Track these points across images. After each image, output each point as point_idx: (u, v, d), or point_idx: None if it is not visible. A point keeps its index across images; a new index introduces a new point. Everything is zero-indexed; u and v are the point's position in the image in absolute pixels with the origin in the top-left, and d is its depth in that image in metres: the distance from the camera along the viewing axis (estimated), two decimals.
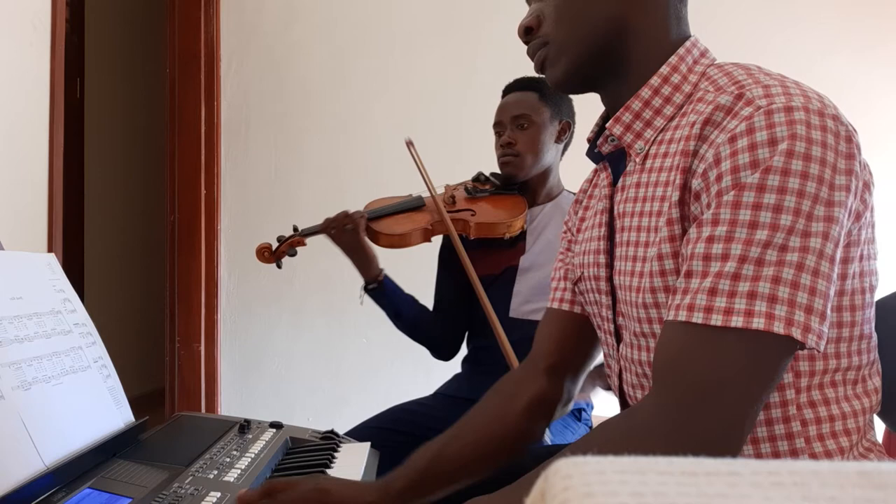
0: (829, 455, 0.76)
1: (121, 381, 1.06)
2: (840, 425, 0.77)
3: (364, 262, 1.68)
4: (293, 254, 1.76)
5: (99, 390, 1.00)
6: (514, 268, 1.68)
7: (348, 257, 1.69)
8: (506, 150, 1.67)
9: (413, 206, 1.75)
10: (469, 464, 0.97)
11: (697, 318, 0.68)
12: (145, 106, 3.87)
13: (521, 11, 0.92)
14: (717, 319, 0.67)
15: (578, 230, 1.01)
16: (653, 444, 0.68)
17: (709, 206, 0.71)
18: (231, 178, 2.67)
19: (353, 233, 1.67)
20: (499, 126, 1.71)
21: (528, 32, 0.88)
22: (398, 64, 2.63)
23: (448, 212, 1.68)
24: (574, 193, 1.72)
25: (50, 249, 1.82)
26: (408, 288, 1.75)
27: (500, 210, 1.68)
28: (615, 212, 0.87)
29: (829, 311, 0.68)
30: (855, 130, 0.72)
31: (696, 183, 0.73)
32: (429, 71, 2.62)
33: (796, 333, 0.66)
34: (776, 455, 0.77)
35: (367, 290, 1.71)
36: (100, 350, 1.05)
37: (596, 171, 1.00)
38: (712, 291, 0.68)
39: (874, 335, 0.81)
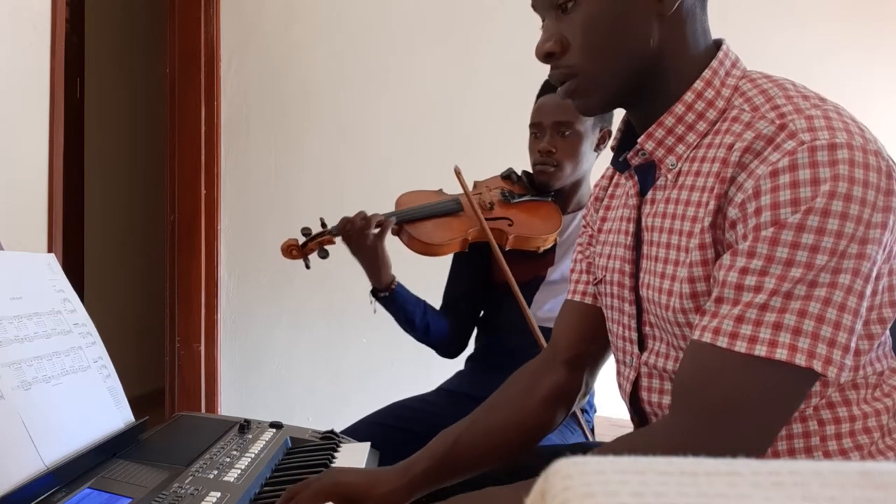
0: (843, 453, 0.77)
1: (121, 381, 1.06)
2: (860, 424, 0.78)
3: (378, 270, 1.57)
4: (324, 255, 1.62)
5: (99, 390, 1.00)
6: (541, 277, 1.65)
7: (361, 263, 1.58)
8: (545, 157, 1.58)
9: (450, 209, 1.65)
10: (488, 451, 0.97)
11: (722, 342, 0.70)
12: (145, 106, 3.87)
13: (522, 12, 0.90)
14: (741, 346, 0.69)
15: (599, 230, 1.00)
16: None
17: (745, 237, 0.71)
18: (231, 178, 2.67)
19: (375, 238, 1.54)
20: (537, 128, 1.61)
21: (549, 56, 0.83)
22: (398, 63, 2.63)
23: (486, 219, 1.61)
24: None
25: (50, 249, 1.82)
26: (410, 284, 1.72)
27: (536, 222, 1.61)
28: (643, 224, 0.87)
29: (853, 344, 0.69)
30: (895, 163, 0.73)
31: (732, 212, 0.73)
32: (429, 70, 2.62)
33: (817, 366, 0.68)
34: (791, 452, 0.78)
35: (378, 297, 1.61)
36: (100, 350, 1.05)
37: (616, 172, 0.99)
38: (739, 318, 0.69)
39: (891, 338, 0.82)
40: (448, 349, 1.75)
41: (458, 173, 1.63)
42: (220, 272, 2.66)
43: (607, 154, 1.68)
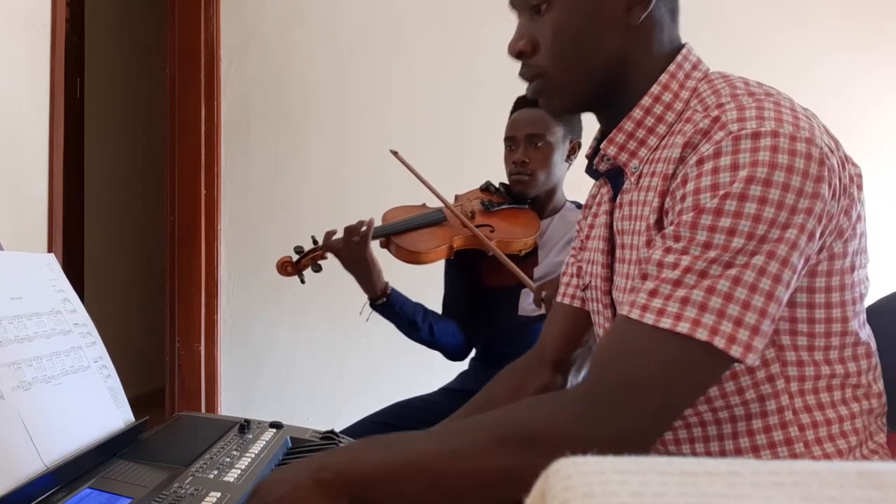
0: (828, 459, 0.77)
1: (121, 381, 1.06)
2: (837, 428, 0.78)
3: (368, 277, 1.61)
4: (318, 269, 1.68)
5: (99, 390, 1.00)
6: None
7: (352, 273, 1.62)
8: (519, 167, 1.68)
9: (434, 220, 1.72)
10: None
11: (634, 313, 0.71)
12: (145, 106, 3.87)
13: None
14: (649, 318, 0.70)
15: (587, 237, 1.02)
16: (570, 421, 0.69)
17: (671, 222, 0.73)
18: (231, 178, 2.67)
19: (360, 246, 1.58)
20: (511, 141, 1.71)
21: (520, 55, 0.86)
22: (399, 64, 2.63)
23: (465, 225, 1.67)
24: (574, 203, 1.75)
25: (50, 249, 1.82)
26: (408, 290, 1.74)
27: (516, 227, 1.69)
28: (615, 228, 0.89)
29: (765, 327, 0.69)
30: (833, 150, 0.73)
31: (667, 202, 0.76)
32: (429, 71, 2.62)
33: (719, 343, 0.68)
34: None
35: (373, 306, 1.65)
36: (100, 350, 1.05)
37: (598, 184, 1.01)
38: (653, 293, 0.71)
39: (872, 341, 0.82)
40: (455, 351, 1.78)
41: (395, 154, 1.73)
42: (220, 272, 2.65)
43: (580, 164, 1.73)
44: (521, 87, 1.78)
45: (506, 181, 1.76)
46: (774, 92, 0.78)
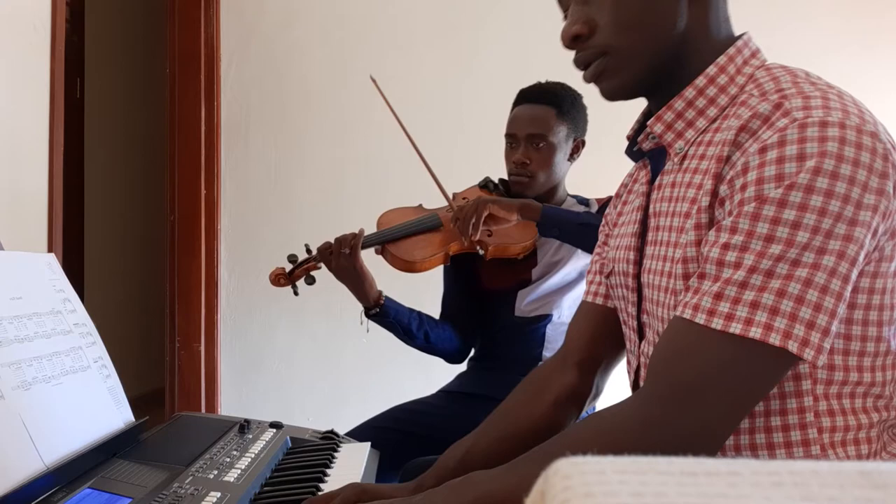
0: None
1: (121, 381, 1.06)
2: (853, 435, 0.77)
3: (361, 286, 1.60)
4: (311, 281, 1.67)
5: (99, 390, 1.00)
6: (526, 281, 1.69)
7: (345, 284, 1.61)
8: (520, 168, 1.64)
9: (431, 226, 1.68)
10: (500, 460, 0.96)
11: (700, 318, 0.69)
12: (145, 106, 3.87)
13: (523, 12, 0.90)
14: (717, 323, 0.68)
15: (615, 224, 1.00)
16: (632, 436, 0.69)
17: (731, 213, 0.71)
18: (231, 178, 2.67)
19: (350, 258, 1.57)
20: (512, 139, 1.67)
21: (576, 39, 0.82)
22: (398, 64, 2.63)
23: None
24: (577, 198, 1.73)
25: (50, 249, 1.82)
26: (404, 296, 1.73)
27: (514, 230, 1.65)
28: (650, 210, 0.87)
29: (833, 328, 0.68)
30: (895, 147, 0.71)
31: (723, 189, 0.73)
32: (429, 71, 2.62)
33: (792, 347, 0.67)
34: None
35: (368, 315, 1.64)
36: (100, 350, 1.05)
37: (637, 167, 0.99)
38: (718, 296, 0.69)
39: None
40: (453, 355, 1.77)
41: (374, 81, 1.70)
42: (220, 272, 2.65)
43: (583, 160, 1.71)
44: (521, 86, 1.77)
45: (505, 177, 1.73)
46: (835, 85, 0.76)
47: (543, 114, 1.62)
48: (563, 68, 1.66)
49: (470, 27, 2.60)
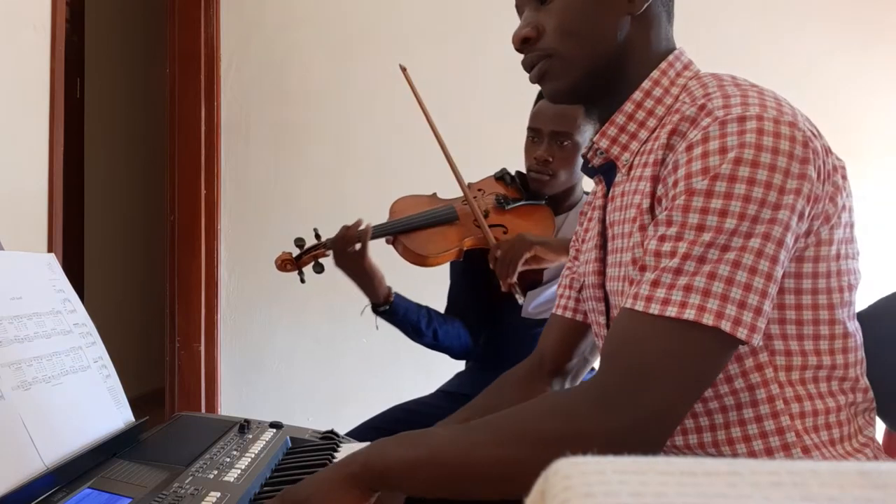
0: (817, 448, 0.79)
1: (121, 381, 1.06)
2: (823, 419, 0.79)
3: (370, 284, 1.55)
4: (319, 269, 1.59)
5: (99, 390, 1.00)
6: (536, 281, 1.66)
7: (352, 280, 1.56)
8: (541, 165, 1.58)
9: (446, 218, 1.63)
10: None
11: (639, 306, 0.73)
12: (145, 106, 3.87)
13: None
14: (655, 308, 0.71)
15: (583, 240, 1.05)
16: (585, 415, 0.71)
17: (665, 208, 0.75)
18: (231, 178, 2.67)
19: (358, 256, 1.51)
20: (535, 133, 1.60)
21: (524, 42, 0.88)
22: (399, 63, 2.63)
23: (478, 226, 1.59)
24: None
25: (50, 249, 1.82)
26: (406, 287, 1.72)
27: (529, 229, 1.60)
28: (607, 221, 0.91)
29: (766, 308, 0.71)
30: (815, 135, 0.76)
31: (659, 189, 0.78)
32: (430, 70, 2.61)
33: (726, 326, 0.70)
34: (769, 451, 0.79)
35: (377, 311, 1.59)
36: (100, 350, 1.05)
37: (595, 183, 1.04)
38: (655, 283, 0.72)
39: (858, 334, 0.83)
40: (461, 353, 1.74)
41: (403, 70, 1.65)
42: (220, 272, 2.66)
43: None
44: (522, 87, 1.77)
45: (522, 170, 1.68)
46: (759, 86, 0.80)
47: (571, 111, 1.55)
48: None
49: (470, 27, 2.60)
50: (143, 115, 3.87)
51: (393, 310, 1.59)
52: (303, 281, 1.63)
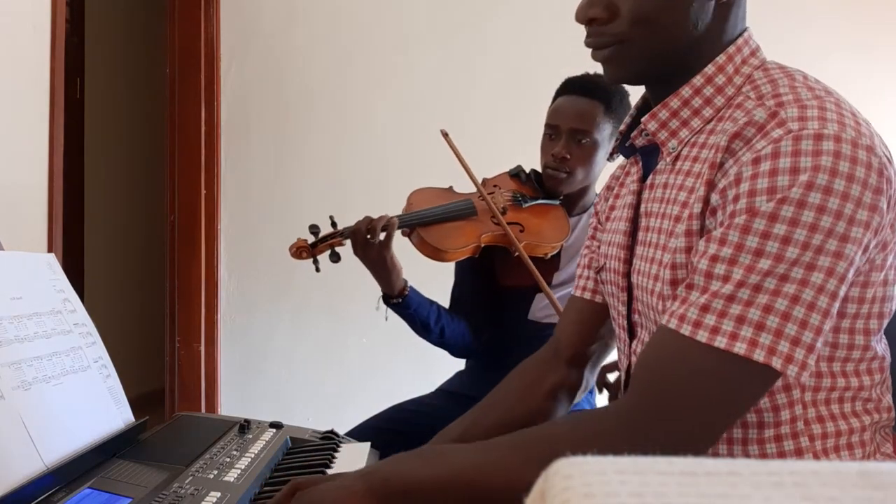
0: None
1: (121, 381, 1.06)
2: (845, 440, 0.77)
3: (388, 277, 1.51)
4: (336, 258, 1.54)
5: (99, 390, 1.00)
6: (547, 283, 1.63)
7: (370, 270, 1.52)
8: (558, 163, 1.54)
9: (464, 213, 1.59)
10: None
11: (685, 329, 0.69)
12: (145, 105, 3.86)
13: (524, 12, 0.90)
14: (702, 336, 0.68)
15: (607, 218, 0.99)
16: (611, 439, 0.69)
17: (721, 224, 0.70)
18: (231, 178, 2.67)
19: (382, 247, 1.47)
20: (553, 130, 1.56)
21: (592, 22, 0.80)
22: (400, 63, 2.63)
23: (496, 223, 1.56)
24: None
25: (50, 249, 1.82)
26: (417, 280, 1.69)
27: (546, 229, 1.58)
28: (641, 209, 0.86)
29: (819, 345, 0.68)
30: (890, 160, 0.71)
31: (714, 198, 0.72)
32: (431, 70, 2.62)
33: (776, 364, 0.66)
34: None
35: (389, 303, 1.56)
36: (100, 350, 1.05)
37: (629, 162, 0.98)
38: (705, 308, 0.68)
39: (888, 354, 0.80)
40: (462, 351, 1.72)
41: (445, 136, 1.58)
42: (220, 272, 2.65)
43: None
44: (523, 87, 1.77)
45: (537, 167, 1.65)
46: (833, 91, 0.75)
47: (591, 109, 1.52)
48: (562, 68, 1.66)
49: (473, 25, 2.60)
50: (143, 115, 3.87)
51: (406, 303, 1.55)
52: (318, 269, 1.57)
